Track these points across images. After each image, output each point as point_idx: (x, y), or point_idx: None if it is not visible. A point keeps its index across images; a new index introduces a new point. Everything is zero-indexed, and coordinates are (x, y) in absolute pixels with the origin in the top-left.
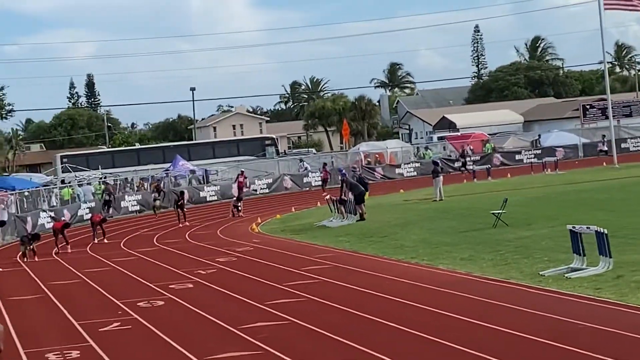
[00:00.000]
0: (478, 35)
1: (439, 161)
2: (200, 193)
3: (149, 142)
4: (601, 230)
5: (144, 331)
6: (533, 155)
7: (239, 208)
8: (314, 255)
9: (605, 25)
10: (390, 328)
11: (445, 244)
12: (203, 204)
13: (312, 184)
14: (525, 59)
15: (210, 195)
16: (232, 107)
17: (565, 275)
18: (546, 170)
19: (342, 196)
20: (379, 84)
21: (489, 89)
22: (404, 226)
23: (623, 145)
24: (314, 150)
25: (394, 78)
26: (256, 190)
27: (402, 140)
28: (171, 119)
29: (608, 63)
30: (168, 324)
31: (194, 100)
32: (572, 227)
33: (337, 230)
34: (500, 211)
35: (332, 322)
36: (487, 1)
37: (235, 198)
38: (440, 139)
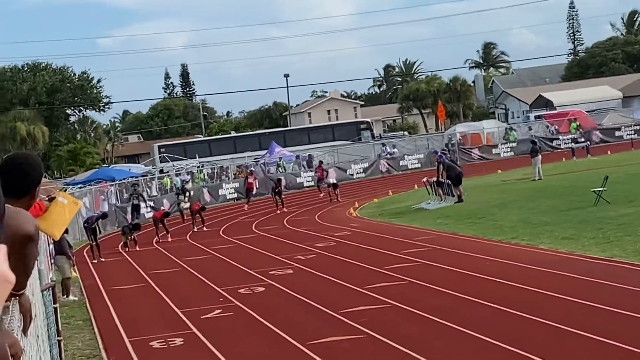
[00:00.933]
0: (573, 11)
1: (537, 140)
2: (297, 179)
3: (245, 130)
4: None
5: (245, 317)
6: (633, 131)
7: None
8: (412, 238)
9: None
10: (491, 309)
11: (545, 224)
12: (300, 189)
13: (409, 167)
14: (621, 34)
15: (307, 181)
16: (326, 92)
17: None
18: None
19: (439, 178)
20: (474, 65)
21: (585, 66)
22: (503, 206)
23: None
24: (406, 133)
25: (489, 58)
26: (352, 175)
27: (499, 120)
28: (266, 106)
29: None
30: (269, 310)
31: (288, 87)
32: None
33: (435, 212)
34: (601, 189)
35: (433, 305)
36: None
37: (332, 183)
38: (537, 117)
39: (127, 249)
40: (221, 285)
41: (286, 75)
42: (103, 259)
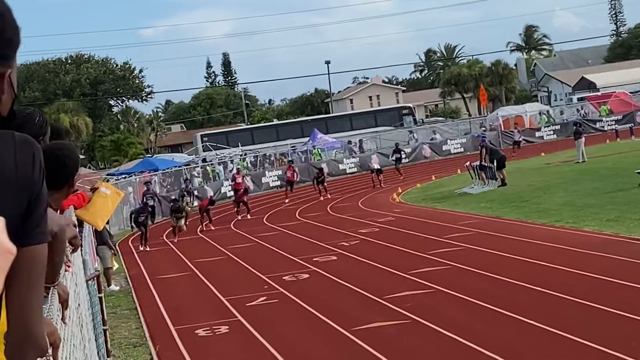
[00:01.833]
0: None
1: (580, 122)
2: (340, 166)
3: (287, 118)
4: None
5: (290, 304)
6: None
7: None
8: (456, 223)
9: None
10: (537, 292)
11: (590, 206)
12: (342, 176)
13: (452, 152)
14: None
15: (349, 168)
16: (368, 79)
17: None
18: None
19: (482, 162)
20: (515, 48)
21: (628, 47)
22: (547, 189)
23: None
24: (444, 119)
25: (530, 41)
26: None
27: (541, 103)
28: (308, 93)
29: None
30: (314, 296)
31: (330, 74)
32: None
33: (479, 196)
34: None
35: (478, 289)
36: None
37: (376, 169)
38: (580, 99)
39: (176, 239)
40: (265, 272)
41: (327, 62)
42: (148, 249)
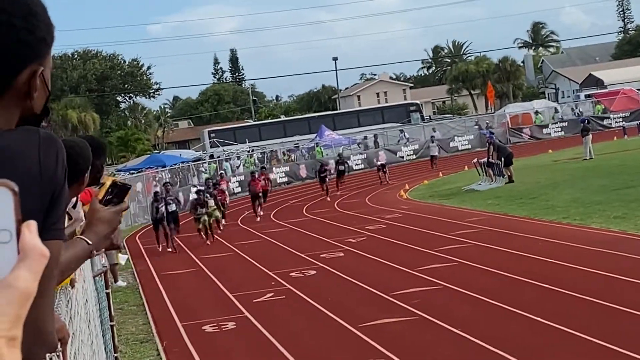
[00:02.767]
0: None
1: (587, 119)
2: (347, 162)
3: (294, 114)
4: None
5: (297, 301)
6: None
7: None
8: (463, 220)
9: None
10: (543, 289)
11: (597, 203)
12: (349, 173)
13: (459, 148)
14: None
15: (356, 164)
16: (375, 75)
17: None
18: None
19: (490, 159)
20: (523, 44)
21: (636, 44)
22: (554, 186)
23: None
24: (451, 116)
25: (538, 37)
26: (402, 157)
27: (549, 100)
28: (315, 90)
29: None
30: (321, 293)
31: (337, 70)
32: None
33: (486, 193)
34: None
35: (485, 286)
36: None
37: (381, 164)
38: (587, 96)
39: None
40: (272, 269)
41: (335, 58)
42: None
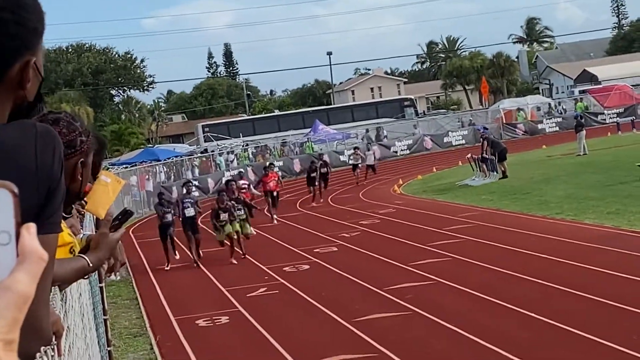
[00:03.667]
0: None
1: (581, 115)
2: (340, 157)
3: (288, 109)
4: None
5: (291, 295)
6: None
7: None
8: (457, 215)
9: None
10: (536, 284)
11: (591, 199)
12: (342, 167)
13: (453, 144)
14: None
15: (350, 159)
16: (370, 70)
17: None
18: None
19: (484, 154)
20: (517, 40)
21: (630, 40)
22: (548, 182)
23: None
24: (445, 111)
25: (532, 33)
26: (396, 152)
27: (543, 95)
28: (309, 85)
29: None
30: (314, 287)
31: (331, 65)
32: None
33: (480, 188)
34: None
35: (478, 281)
36: None
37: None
38: (581, 92)
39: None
40: (266, 263)
41: (329, 53)
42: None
